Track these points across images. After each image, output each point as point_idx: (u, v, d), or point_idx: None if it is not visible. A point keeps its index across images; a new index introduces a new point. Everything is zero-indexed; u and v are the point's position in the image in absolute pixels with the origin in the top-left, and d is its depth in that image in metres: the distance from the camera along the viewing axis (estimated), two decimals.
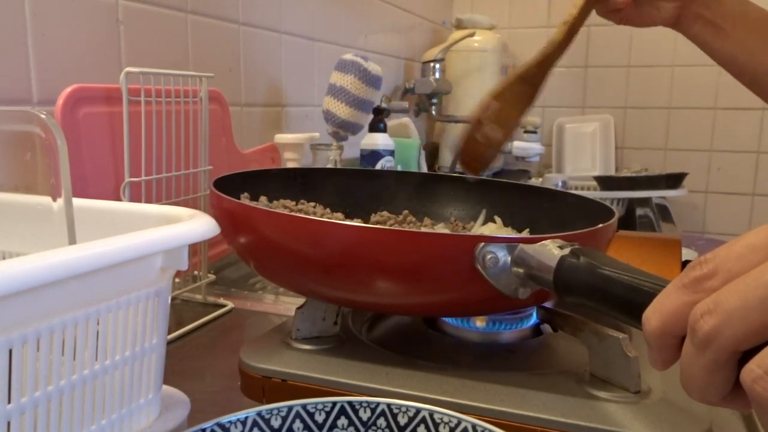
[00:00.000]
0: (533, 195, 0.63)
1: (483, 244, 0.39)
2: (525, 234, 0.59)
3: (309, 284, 0.45)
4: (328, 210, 0.62)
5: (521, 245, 0.39)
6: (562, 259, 0.36)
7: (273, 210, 0.45)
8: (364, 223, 0.58)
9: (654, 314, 0.27)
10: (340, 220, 0.59)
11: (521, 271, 0.39)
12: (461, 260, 0.40)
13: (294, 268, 0.44)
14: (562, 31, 0.63)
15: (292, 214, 0.46)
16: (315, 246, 0.42)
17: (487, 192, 0.66)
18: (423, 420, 0.31)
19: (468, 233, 0.58)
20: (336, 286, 0.44)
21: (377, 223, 0.62)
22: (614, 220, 0.48)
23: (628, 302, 0.32)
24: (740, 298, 0.23)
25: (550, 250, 0.38)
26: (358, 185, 0.66)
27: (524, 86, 0.63)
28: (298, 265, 0.44)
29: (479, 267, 0.39)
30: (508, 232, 0.60)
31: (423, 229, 0.62)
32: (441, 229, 0.64)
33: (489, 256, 0.39)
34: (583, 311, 0.53)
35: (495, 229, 0.61)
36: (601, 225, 0.45)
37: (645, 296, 0.30)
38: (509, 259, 0.39)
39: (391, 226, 0.61)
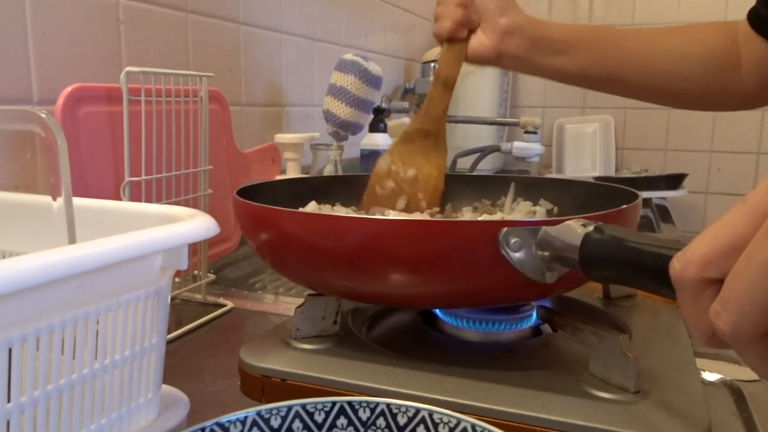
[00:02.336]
0: (555, 185, 0.65)
1: (506, 228, 0.39)
2: None
3: (333, 281, 0.45)
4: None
5: (544, 227, 0.39)
6: (587, 236, 0.37)
7: (295, 210, 0.45)
8: None
9: (689, 329, 0.29)
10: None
11: (546, 253, 0.39)
12: (485, 247, 0.40)
13: (318, 265, 0.45)
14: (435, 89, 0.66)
15: (314, 212, 0.46)
16: (338, 242, 0.42)
17: (506, 187, 0.67)
18: (422, 420, 0.31)
19: (490, 219, 0.59)
20: (361, 281, 0.44)
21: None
22: (638, 202, 0.48)
23: (656, 270, 0.32)
24: (743, 286, 0.24)
25: (574, 229, 0.38)
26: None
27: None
28: (322, 262, 0.44)
29: (504, 252, 0.39)
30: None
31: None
32: (468, 213, 0.65)
33: (513, 241, 0.39)
34: (584, 314, 0.53)
35: (536, 211, 0.62)
36: (624, 206, 0.45)
37: None
38: (534, 242, 0.39)
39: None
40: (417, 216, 0.63)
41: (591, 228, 0.37)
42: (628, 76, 0.69)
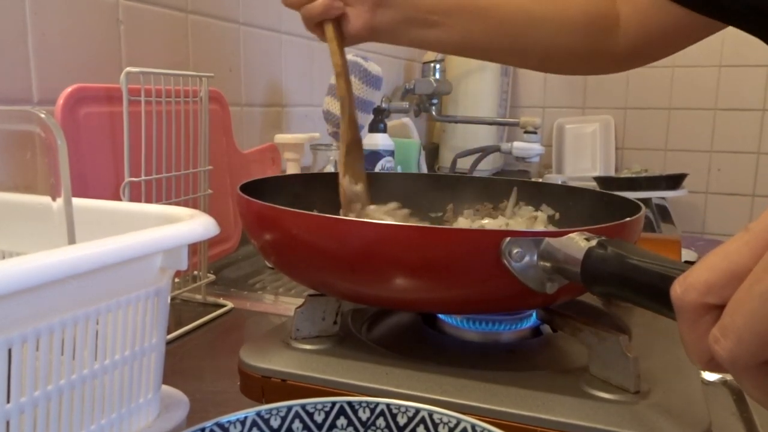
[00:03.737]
0: (557, 191, 0.64)
1: (509, 238, 0.39)
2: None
3: (334, 282, 0.45)
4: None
5: (547, 239, 0.39)
6: (590, 250, 0.37)
7: (300, 211, 0.45)
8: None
9: (687, 353, 0.28)
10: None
11: (548, 265, 0.39)
12: (487, 255, 0.40)
13: (320, 266, 0.45)
14: (341, 85, 0.64)
15: (319, 214, 0.46)
16: (341, 244, 0.42)
17: (507, 190, 0.66)
18: (422, 420, 0.31)
19: (493, 228, 0.58)
20: (362, 284, 0.44)
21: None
22: (641, 214, 0.47)
23: (657, 291, 0.32)
24: (742, 315, 0.24)
25: (577, 242, 0.38)
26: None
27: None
28: (324, 264, 0.44)
29: (506, 262, 0.39)
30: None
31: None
32: (469, 215, 0.64)
33: (515, 251, 0.39)
34: (584, 315, 0.53)
35: (537, 216, 0.62)
36: (628, 219, 0.45)
37: None
38: (536, 253, 0.39)
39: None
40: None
41: (594, 242, 0.37)
42: (503, 45, 0.67)
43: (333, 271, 0.44)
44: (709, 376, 0.50)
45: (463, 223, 0.64)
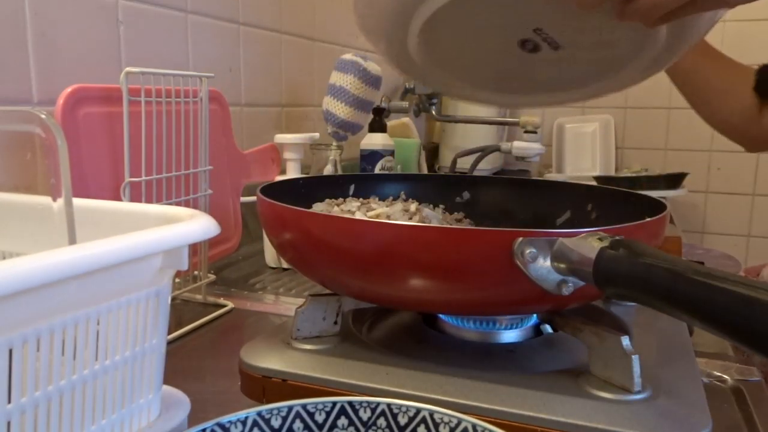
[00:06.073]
0: (587, 192, 0.63)
1: (521, 238, 0.38)
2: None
3: (348, 281, 0.45)
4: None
5: (561, 239, 0.38)
6: (602, 250, 0.36)
7: (318, 212, 0.45)
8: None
9: None
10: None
11: (563, 266, 0.38)
12: (499, 256, 0.39)
13: (335, 266, 0.45)
14: None
15: (334, 214, 0.46)
16: (356, 245, 0.42)
17: (537, 192, 0.66)
18: (423, 420, 0.31)
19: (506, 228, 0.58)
20: (376, 283, 0.44)
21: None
22: (664, 215, 0.46)
23: (669, 292, 0.31)
24: None
25: (590, 242, 0.37)
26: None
27: None
28: (339, 263, 0.44)
29: (518, 263, 0.38)
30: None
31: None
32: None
33: (528, 251, 0.38)
34: (584, 315, 0.53)
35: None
36: (648, 219, 0.44)
37: (687, 285, 0.29)
38: (549, 253, 0.38)
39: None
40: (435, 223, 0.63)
41: (607, 242, 0.36)
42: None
43: (347, 270, 0.44)
44: (710, 376, 0.50)
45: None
